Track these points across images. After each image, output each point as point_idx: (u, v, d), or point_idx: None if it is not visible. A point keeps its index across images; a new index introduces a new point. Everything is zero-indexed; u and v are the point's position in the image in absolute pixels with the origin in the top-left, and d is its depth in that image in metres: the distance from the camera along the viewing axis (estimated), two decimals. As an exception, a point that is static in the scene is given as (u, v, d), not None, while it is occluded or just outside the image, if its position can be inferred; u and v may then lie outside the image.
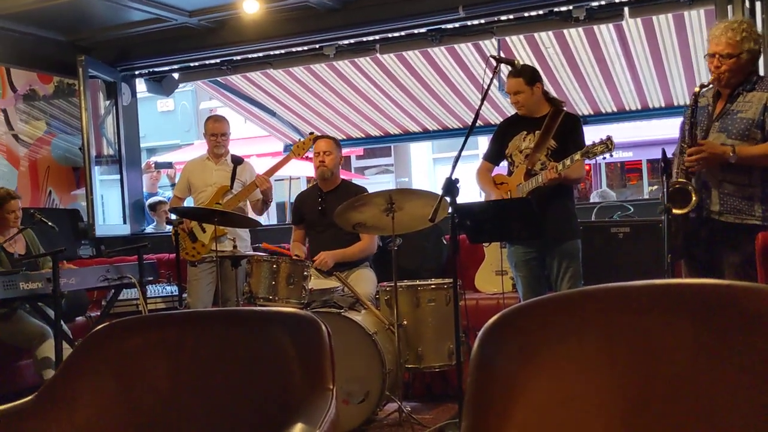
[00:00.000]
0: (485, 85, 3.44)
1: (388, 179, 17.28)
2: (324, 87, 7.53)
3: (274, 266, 4.10)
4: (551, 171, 3.74)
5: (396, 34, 6.12)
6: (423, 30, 5.97)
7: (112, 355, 2.07)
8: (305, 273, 4.12)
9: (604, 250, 4.48)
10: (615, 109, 7.51)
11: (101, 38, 6.71)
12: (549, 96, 4.07)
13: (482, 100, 3.43)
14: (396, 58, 6.79)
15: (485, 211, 3.90)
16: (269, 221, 12.37)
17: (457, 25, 5.88)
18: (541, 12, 5.58)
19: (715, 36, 3.29)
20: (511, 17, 5.70)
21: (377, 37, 6.19)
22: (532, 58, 6.50)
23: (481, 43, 6.33)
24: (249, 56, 6.70)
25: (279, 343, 1.98)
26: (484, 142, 10.61)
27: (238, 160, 5.28)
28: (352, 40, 6.24)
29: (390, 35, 6.14)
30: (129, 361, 2.06)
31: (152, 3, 5.90)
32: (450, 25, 5.90)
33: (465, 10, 5.56)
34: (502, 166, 4.21)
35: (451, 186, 3.17)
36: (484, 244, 5.03)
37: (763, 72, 4.27)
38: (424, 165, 17.30)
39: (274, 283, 4.08)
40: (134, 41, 6.68)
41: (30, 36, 6.49)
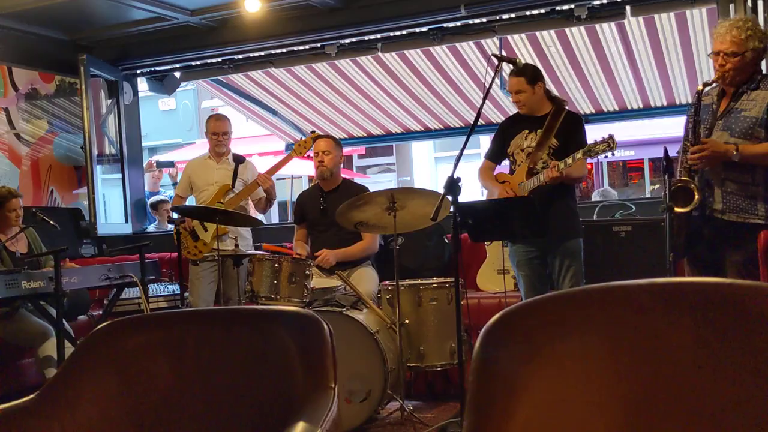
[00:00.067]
0: (487, 84, 3.44)
1: (389, 178, 17.26)
2: (325, 86, 7.53)
3: (276, 265, 4.09)
4: (553, 170, 3.73)
5: (398, 33, 6.11)
6: (425, 29, 5.96)
7: (114, 354, 2.07)
8: (307, 272, 4.12)
9: (605, 249, 4.48)
10: (617, 108, 7.50)
11: (103, 37, 6.72)
12: (551, 95, 4.06)
13: (484, 98, 3.43)
14: (398, 56, 6.79)
15: (487, 209, 3.89)
16: (271, 220, 12.38)
17: (458, 23, 5.87)
18: (542, 10, 5.58)
19: (719, 34, 3.28)
20: (512, 16, 5.70)
21: (379, 36, 6.18)
22: (534, 56, 6.50)
23: (482, 41, 6.33)
24: (250, 55, 6.70)
25: (281, 341, 1.98)
26: (485, 141, 10.59)
27: (239, 159, 5.27)
28: (353, 39, 6.24)
29: (392, 34, 6.13)
30: (131, 360, 2.06)
31: (154, 2, 5.90)
32: (452, 24, 5.89)
33: (467, 9, 5.55)
34: (504, 165, 4.21)
35: (453, 185, 3.17)
36: (486, 242, 5.03)
37: (766, 70, 4.26)
38: (425, 164, 17.28)
39: (275, 281, 4.08)
40: (136, 40, 6.69)
41: (32, 35, 6.50)
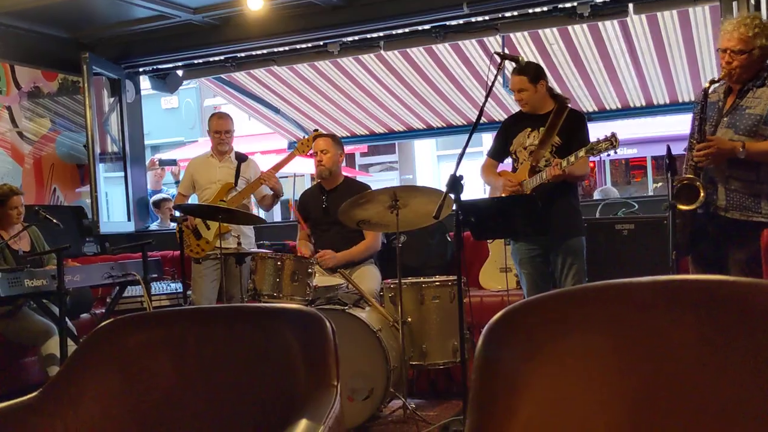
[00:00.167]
0: (489, 82, 3.44)
1: (392, 176, 17.27)
2: (328, 84, 7.53)
3: (279, 263, 4.09)
4: (555, 168, 3.73)
5: (400, 31, 6.11)
6: (427, 27, 5.96)
7: (117, 351, 2.07)
8: (309, 270, 4.12)
9: (608, 247, 4.48)
10: (619, 106, 7.50)
11: (105, 35, 6.72)
12: (553, 93, 4.06)
13: (486, 96, 3.42)
14: (400, 55, 6.78)
15: (489, 207, 3.89)
16: (273, 219, 12.38)
17: (461, 21, 5.87)
18: (545, 8, 5.57)
19: (727, 31, 3.26)
20: (515, 14, 5.70)
21: (381, 34, 6.18)
22: (537, 54, 6.49)
23: (485, 39, 6.33)
24: (253, 53, 6.70)
25: (283, 339, 1.98)
26: (488, 139, 10.59)
27: (242, 158, 5.26)
28: (356, 37, 6.24)
29: (394, 32, 6.13)
30: (133, 358, 2.06)
31: (156, 0, 5.90)
32: (454, 22, 5.89)
33: (469, 7, 5.55)
34: (507, 163, 4.21)
35: (456, 183, 3.16)
36: (489, 241, 5.03)
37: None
38: (428, 162, 17.29)
39: (278, 280, 4.07)
40: (138, 38, 6.69)
41: (34, 33, 6.50)
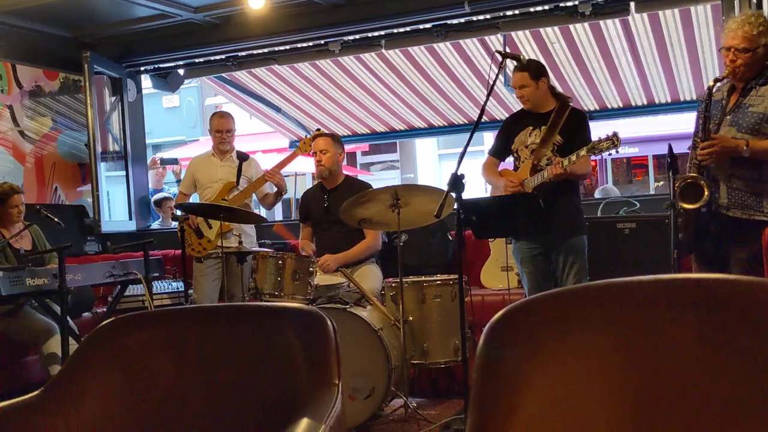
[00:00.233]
0: (491, 81, 3.43)
1: (393, 175, 17.27)
2: (329, 83, 7.53)
3: (280, 262, 4.09)
4: (557, 166, 3.73)
5: (401, 30, 6.10)
6: (428, 25, 5.95)
7: (118, 350, 2.07)
8: (311, 269, 4.12)
9: (609, 245, 4.48)
10: (621, 105, 7.49)
11: (106, 34, 6.72)
12: (555, 91, 4.06)
13: (488, 95, 3.42)
14: (401, 53, 6.78)
15: (491, 206, 3.89)
16: (275, 217, 12.39)
17: (462, 20, 5.86)
18: (546, 7, 5.57)
19: (731, 29, 3.25)
20: (516, 12, 5.69)
21: (382, 33, 6.18)
22: (538, 53, 6.49)
23: (486, 38, 6.32)
24: (254, 52, 6.70)
25: (285, 338, 1.98)
26: (489, 138, 10.60)
27: (243, 157, 5.26)
28: (357, 36, 6.23)
29: (395, 31, 6.12)
30: (134, 357, 2.06)
31: (157, -1, 5.91)
32: (455, 21, 5.88)
33: (470, 6, 5.54)
34: (508, 162, 4.20)
35: (457, 181, 3.16)
36: (490, 239, 5.02)
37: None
38: (429, 161, 17.29)
39: (279, 278, 4.08)
40: (139, 37, 6.69)
41: (35, 32, 6.51)
